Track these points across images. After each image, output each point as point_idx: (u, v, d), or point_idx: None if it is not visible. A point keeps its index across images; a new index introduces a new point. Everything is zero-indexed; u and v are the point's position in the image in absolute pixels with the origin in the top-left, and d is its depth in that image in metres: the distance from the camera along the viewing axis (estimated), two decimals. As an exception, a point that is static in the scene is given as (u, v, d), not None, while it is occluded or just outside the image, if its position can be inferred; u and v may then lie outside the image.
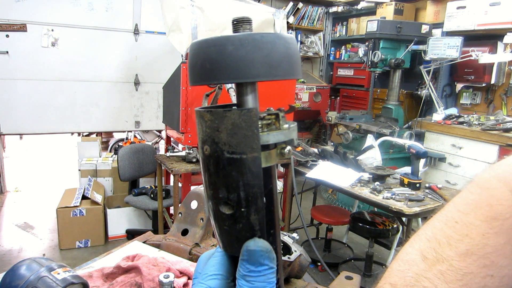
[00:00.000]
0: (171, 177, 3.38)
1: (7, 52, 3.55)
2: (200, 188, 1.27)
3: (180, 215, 1.26)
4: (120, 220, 3.66)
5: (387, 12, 4.79)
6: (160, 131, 5.23)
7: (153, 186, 3.52)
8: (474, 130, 3.53)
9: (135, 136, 5.36)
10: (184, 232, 1.23)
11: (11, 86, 3.64)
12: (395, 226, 2.79)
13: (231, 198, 0.33)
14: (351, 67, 5.71)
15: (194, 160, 2.83)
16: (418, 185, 2.52)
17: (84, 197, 3.50)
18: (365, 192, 2.50)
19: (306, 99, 5.10)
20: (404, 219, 2.61)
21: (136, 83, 4.20)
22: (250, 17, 0.35)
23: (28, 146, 7.29)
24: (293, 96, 3.55)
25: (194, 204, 1.23)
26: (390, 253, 3.10)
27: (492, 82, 3.95)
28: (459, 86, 4.31)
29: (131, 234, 3.57)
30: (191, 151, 2.90)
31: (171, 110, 3.15)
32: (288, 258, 1.05)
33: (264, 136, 0.33)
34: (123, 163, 3.39)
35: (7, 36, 3.52)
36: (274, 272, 0.34)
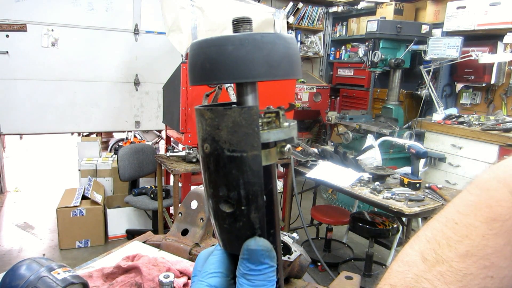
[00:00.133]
0: (171, 177, 3.38)
1: (7, 52, 3.56)
2: (200, 188, 1.27)
3: (180, 215, 1.26)
4: (120, 220, 3.66)
5: (387, 12, 4.79)
6: (160, 131, 5.23)
7: (153, 186, 3.52)
8: (474, 130, 3.52)
9: (135, 136, 5.36)
10: (184, 232, 1.23)
11: (11, 86, 3.64)
12: (395, 226, 2.79)
13: (232, 196, 0.33)
14: (351, 67, 5.71)
15: (194, 160, 2.83)
16: (418, 185, 2.52)
17: (84, 197, 3.50)
18: (365, 192, 2.50)
19: (306, 99, 5.10)
20: (404, 219, 2.61)
21: (136, 83, 4.20)
22: (250, 17, 0.35)
23: (28, 146, 7.29)
24: (293, 96, 3.55)
25: (194, 204, 1.23)
26: (390, 253, 3.10)
27: (492, 82, 3.95)
28: (459, 86, 4.31)
29: (131, 234, 3.57)
30: (191, 151, 2.90)
31: (171, 110, 3.15)
32: (288, 258, 1.05)
33: (264, 134, 0.33)
34: (123, 163, 3.39)
35: (7, 36, 3.53)
36: (274, 271, 0.34)
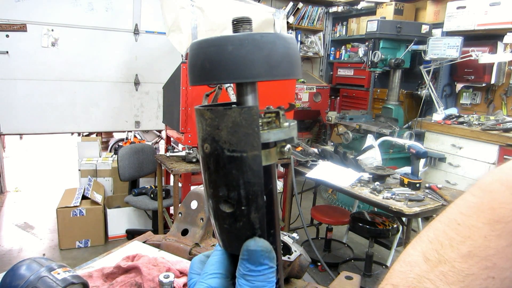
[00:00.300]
0: (171, 177, 3.38)
1: (7, 52, 3.56)
2: (200, 188, 1.27)
3: (180, 215, 1.26)
4: (120, 220, 3.66)
5: (387, 12, 4.79)
6: (160, 131, 5.23)
7: (153, 186, 3.52)
8: (474, 130, 3.52)
9: (135, 136, 5.36)
10: (184, 232, 1.23)
11: (11, 86, 3.64)
12: (395, 226, 2.79)
13: (232, 196, 0.33)
14: (351, 67, 5.71)
15: (194, 160, 2.83)
16: (418, 185, 2.52)
17: (84, 197, 3.50)
18: (365, 192, 2.50)
19: (306, 99, 5.10)
20: (404, 219, 2.61)
21: (136, 83, 4.20)
22: (250, 17, 0.35)
23: (28, 146, 7.29)
24: (293, 96, 3.55)
25: (194, 204, 1.23)
26: (390, 253, 3.10)
27: (492, 82, 3.95)
28: (459, 86, 4.31)
29: (131, 234, 3.57)
30: (191, 151, 2.90)
31: (171, 110, 3.15)
32: (288, 258, 1.05)
33: (264, 134, 0.33)
34: (123, 163, 3.39)
35: (7, 36, 3.53)
36: (274, 272, 0.34)
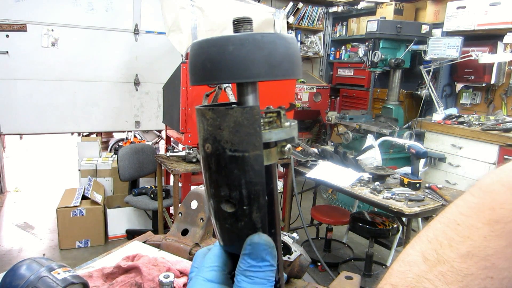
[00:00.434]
0: (171, 177, 3.38)
1: (7, 52, 3.56)
2: (200, 188, 1.27)
3: (180, 215, 1.26)
4: (120, 220, 3.66)
5: (387, 12, 4.79)
6: (160, 131, 5.23)
7: (153, 186, 3.52)
8: (474, 130, 3.52)
9: (135, 136, 5.36)
10: (184, 232, 1.23)
11: (11, 86, 3.64)
12: (395, 226, 2.79)
13: (233, 196, 0.33)
14: (351, 67, 5.71)
15: (194, 160, 2.83)
16: (418, 185, 2.52)
17: (84, 197, 3.50)
18: (365, 192, 2.50)
19: (306, 99, 5.10)
20: (404, 219, 2.61)
21: (136, 83, 4.20)
22: (250, 17, 0.35)
23: (28, 146, 7.28)
24: (293, 96, 3.55)
25: (194, 204, 1.23)
26: (390, 253, 3.10)
27: (492, 82, 3.95)
28: (459, 86, 4.31)
29: (131, 234, 3.57)
30: (191, 151, 2.90)
31: (171, 110, 3.15)
32: (288, 258, 1.05)
33: (266, 134, 0.33)
34: (123, 163, 3.39)
35: (7, 36, 3.52)
36: (274, 271, 0.34)
